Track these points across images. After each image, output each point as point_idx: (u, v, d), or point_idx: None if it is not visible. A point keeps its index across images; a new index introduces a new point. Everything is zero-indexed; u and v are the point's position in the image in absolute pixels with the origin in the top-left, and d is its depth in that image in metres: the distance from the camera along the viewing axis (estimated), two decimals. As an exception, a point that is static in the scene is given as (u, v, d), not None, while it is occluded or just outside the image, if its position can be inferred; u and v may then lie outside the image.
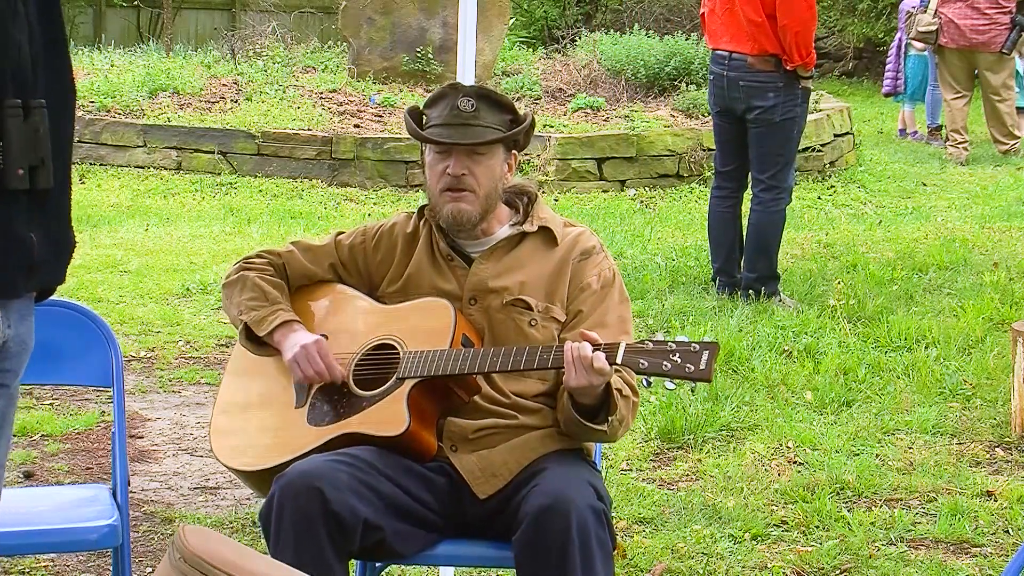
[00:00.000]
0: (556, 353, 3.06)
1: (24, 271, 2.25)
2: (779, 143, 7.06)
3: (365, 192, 10.47)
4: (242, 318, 3.32)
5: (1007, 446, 5.25)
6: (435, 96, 3.32)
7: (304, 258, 3.43)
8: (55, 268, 2.35)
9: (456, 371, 3.11)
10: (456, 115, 3.23)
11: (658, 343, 2.99)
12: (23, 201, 2.22)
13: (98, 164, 10.89)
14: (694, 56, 12.07)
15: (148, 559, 4.21)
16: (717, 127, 7.37)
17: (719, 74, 7.14)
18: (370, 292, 3.38)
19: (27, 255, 2.24)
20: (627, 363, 2.99)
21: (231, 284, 3.39)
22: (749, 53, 6.97)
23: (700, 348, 2.96)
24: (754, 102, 6.99)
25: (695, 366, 2.95)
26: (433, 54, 12.16)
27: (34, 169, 2.20)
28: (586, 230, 3.39)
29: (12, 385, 2.35)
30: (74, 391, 5.76)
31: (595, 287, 3.29)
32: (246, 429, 3.30)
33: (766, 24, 6.92)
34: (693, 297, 7.19)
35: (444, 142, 3.24)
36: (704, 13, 7.37)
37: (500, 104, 3.29)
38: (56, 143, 2.25)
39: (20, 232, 2.22)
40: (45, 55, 2.26)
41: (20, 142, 2.18)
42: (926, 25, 12.00)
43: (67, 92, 2.33)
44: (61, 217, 2.35)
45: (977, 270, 7.73)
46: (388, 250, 3.38)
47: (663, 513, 4.61)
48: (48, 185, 2.23)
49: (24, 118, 2.19)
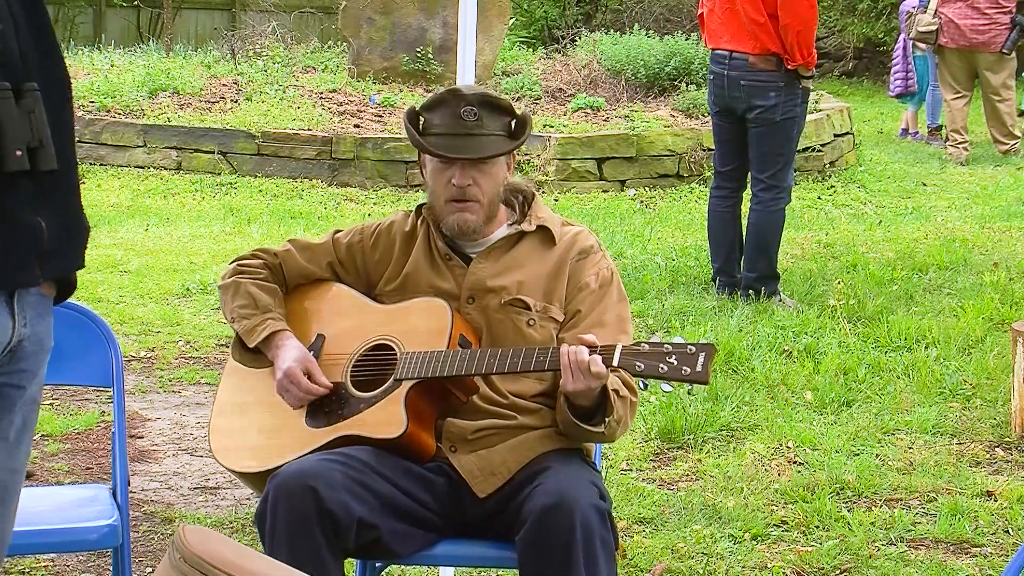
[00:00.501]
0: (552, 356, 3.05)
1: (35, 258, 2.21)
2: (779, 143, 7.06)
3: (365, 192, 10.47)
4: (234, 327, 3.33)
5: (1007, 446, 5.25)
6: (435, 101, 3.28)
7: (301, 257, 3.42)
8: (70, 254, 2.31)
9: (453, 373, 3.11)
10: (459, 124, 3.21)
11: (654, 345, 2.98)
12: (27, 186, 2.18)
13: (98, 164, 10.89)
14: (694, 56, 12.07)
15: (148, 559, 4.21)
16: (716, 127, 7.37)
17: (719, 73, 7.14)
18: (368, 291, 3.38)
19: (36, 241, 2.20)
20: (623, 365, 2.99)
21: (224, 288, 3.39)
22: (750, 52, 6.96)
23: (697, 350, 2.95)
24: (755, 101, 6.99)
25: (691, 368, 2.94)
26: (433, 54, 12.17)
27: (33, 151, 2.17)
28: (584, 229, 3.38)
29: (30, 386, 2.31)
30: (74, 391, 5.76)
31: (593, 286, 3.28)
32: (246, 430, 3.29)
33: (768, 23, 6.92)
34: (693, 297, 7.19)
35: (450, 156, 3.22)
36: (702, 13, 7.36)
37: (500, 108, 3.27)
38: (55, 126, 2.22)
39: (27, 218, 2.19)
40: (33, 43, 2.23)
41: (14, 124, 2.15)
42: (926, 25, 11.99)
43: (60, 76, 2.29)
44: (70, 201, 2.31)
45: (977, 270, 7.73)
46: (386, 249, 3.38)
47: (663, 513, 4.61)
48: (51, 166, 2.20)
49: (16, 100, 2.16)
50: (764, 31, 6.93)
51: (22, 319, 2.24)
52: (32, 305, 2.26)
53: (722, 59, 7.12)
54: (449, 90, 3.28)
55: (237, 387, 3.38)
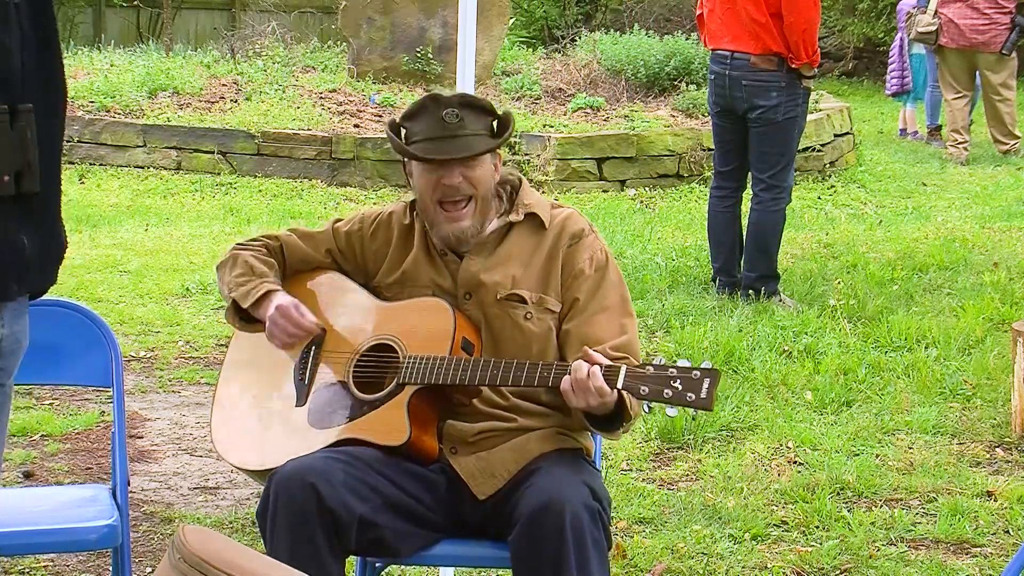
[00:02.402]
0: (557, 372, 3.04)
1: (15, 276, 2.26)
2: (780, 142, 7.06)
3: (365, 192, 10.47)
4: (231, 295, 3.32)
5: (1007, 446, 5.25)
6: (415, 109, 3.26)
7: (302, 243, 3.42)
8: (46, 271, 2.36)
9: (456, 381, 3.11)
10: (443, 127, 3.19)
11: (659, 368, 2.95)
12: (11, 206, 2.22)
13: (98, 164, 10.89)
14: (694, 56, 12.07)
15: (148, 559, 4.21)
16: (717, 127, 7.36)
17: (720, 74, 7.13)
18: (366, 280, 3.37)
19: (20, 258, 2.25)
20: (627, 388, 2.97)
21: (223, 265, 3.39)
22: (752, 52, 6.97)
23: (701, 375, 2.92)
24: (757, 101, 6.99)
25: (696, 395, 2.92)
26: (433, 54, 12.16)
27: (19, 174, 2.21)
28: (574, 212, 3.36)
29: (7, 384, 2.36)
30: (74, 391, 5.76)
31: (588, 272, 3.27)
32: (248, 427, 3.29)
33: (770, 23, 6.92)
34: (693, 297, 7.19)
35: (439, 159, 3.20)
36: (701, 14, 7.36)
37: (482, 108, 3.25)
38: (43, 146, 2.25)
39: (11, 237, 2.23)
40: (37, 59, 2.25)
41: (6, 149, 2.18)
42: (926, 25, 11.99)
43: (57, 95, 2.32)
44: (50, 220, 2.35)
45: (977, 270, 7.72)
46: (384, 240, 3.37)
47: (663, 513, 4.61)
48: (34, 189, 2.23)
49: (11, 124, 2.18)
50: (766, 31, 6.93)
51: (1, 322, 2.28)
52: (10, 308, 2.31)
53: (723, 59, 7.12)
54: (428, 96, 3.27)
55: (237, 380, 3.38)
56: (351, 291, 3.36)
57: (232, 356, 3.43)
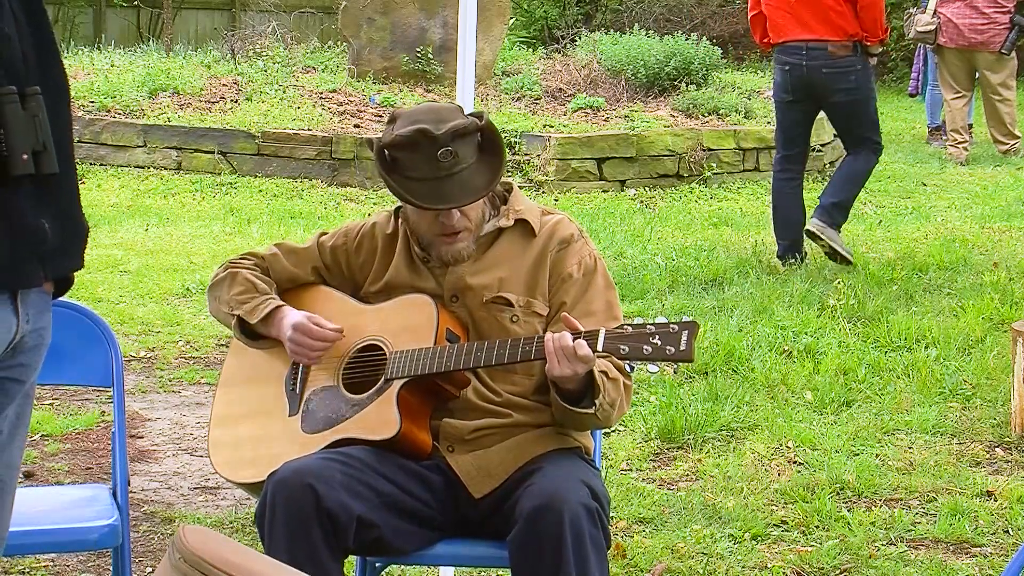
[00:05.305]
0: (538, 344, 3.05)
1: (39, 260, 2.26)
2: (864, 116, 7.61)
3: (365, 192, 10.47)
4: (235, 312, 3.32)
5: (1007, 446, 5.25)
6: (406, 142, 3.14)
7: (287, 261, 3.42)
8: (71, 254, 2.36)
9: (442, 368, 3.12)
10: (438, 168, 3.12)
11: (637, 327, 2.99)
12: (30, 189, 2.22)
13: (98, 164, 10.89)
14: (694, 56, 12.07)
15: (148, 559, 4.21)
16: (786, 114, 7.75)
17: (796, 64, 7.52)
18: (354, 292, 3.38)
19: (41, 243, 2.25)
20: (608, 349, 2.99)
21: (219, 281, 3.39)
22: (830, 39, 7.42)
23: (679, 328, 2.96)
24: (838, 86, 7.46)
25: (675, 347, 2.94)
26: (433, 54, 12.16)
27: (37, 154, 2.22)
28: (564, 218, 3.35)
29: (28, 381, 2.36)
30: (74, 391, 5.76)
31: (576, 276, 3.26)
32: (244, 442, 3.31)
33: (846, 9, 7.40)
34: (693, 297, 7.19)
35: (442, 208, 3.16)
36: (757, 13, 7.71)
37: (466, 131, 3.16)
38: (56, 129, 2.26)
39: (32, 221, 2.23)
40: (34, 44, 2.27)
41: (20, 128, 2.19)
42: (925, 25, 11.99)
43: (60, 79, 2.33)
44: (70, 202, 2.35)
45: (977, 270, 7.73)
46: (369, 252, 3.37)
47: (663, 513, 4.61)
48: (53, 170, 2.24)
49: (22, 105, 2.20)
50: (841, 17, 7.42)
51: (25, 316, 2.29)
52: (34, 303, 2.31)
53: (797, 50, 7.51)
54: (418, 131, 3.13)
55: (232, 398, 3.39)
56: (338, 300, 3.37)
57: (227, 372, 3.44)
